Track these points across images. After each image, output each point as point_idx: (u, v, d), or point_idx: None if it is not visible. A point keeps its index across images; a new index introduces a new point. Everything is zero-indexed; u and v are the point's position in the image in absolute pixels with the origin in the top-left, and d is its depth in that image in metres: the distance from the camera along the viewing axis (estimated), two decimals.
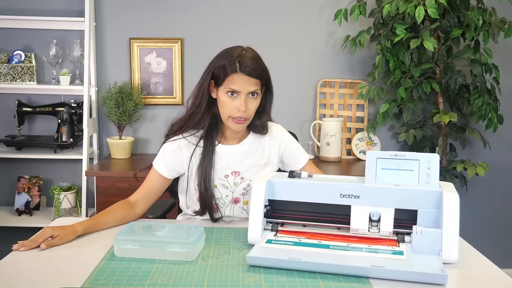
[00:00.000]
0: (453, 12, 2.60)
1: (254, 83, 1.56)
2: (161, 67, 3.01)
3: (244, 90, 1.55)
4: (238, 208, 1.68)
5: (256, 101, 1.59)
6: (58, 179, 3.02)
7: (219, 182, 1.66)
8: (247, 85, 1.55)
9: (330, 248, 1.28)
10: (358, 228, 1.33)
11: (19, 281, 1.13)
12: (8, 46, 2.93)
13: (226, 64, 1.55)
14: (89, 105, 2.84)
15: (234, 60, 1.54)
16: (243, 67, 1.53)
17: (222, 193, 1.66)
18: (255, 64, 1.55)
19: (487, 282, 1.17)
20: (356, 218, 1.33)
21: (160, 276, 1.16)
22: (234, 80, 1.54)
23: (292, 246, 1.30)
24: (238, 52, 1.57)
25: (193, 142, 1.65)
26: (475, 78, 2.67)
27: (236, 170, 1.67)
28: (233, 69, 1.54)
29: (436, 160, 1.33)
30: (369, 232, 1.32)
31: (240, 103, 1.55)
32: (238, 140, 1.69)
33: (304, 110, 3.08)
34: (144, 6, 2.97)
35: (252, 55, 1.58)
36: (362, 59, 3.04)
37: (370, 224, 1.33)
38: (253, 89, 1.56)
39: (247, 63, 1.54)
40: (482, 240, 3.02)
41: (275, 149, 1.73)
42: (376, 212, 1.32)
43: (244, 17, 3.00)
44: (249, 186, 1.67)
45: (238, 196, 1.67)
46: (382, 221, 1.32)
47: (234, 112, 1.57)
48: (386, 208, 1.32)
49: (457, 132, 2.88)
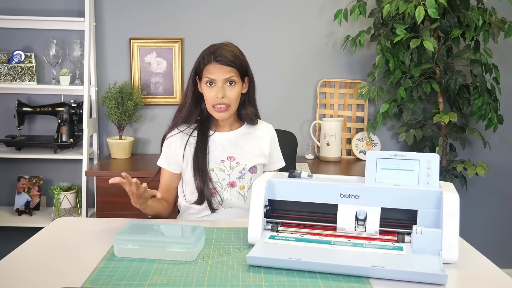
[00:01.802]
0: (453, 12, 2.60)
1: (228, 71, 1.68)
2: (161, 67, 3.01)
3: (219, 77, 1.67)
4: (235, 193, 1.75)
5: (234, 88, 1.70)
6: (58, 179, 3.02)
7: (215, 166, 1.74)
8: (222, 73, 1.67)
9: (331, 244, 1.29)
10: (344, 227, 1.34)
11: (19, 281, 1.13)
12: (8, 46, 2.93)
13: (203, 56, 1.70)
14: (89, 105, 2.84)
15: (210, 53, 1.69)
16: (216, 57, 1.67)
17: (219, 176, 1.74)
18: (228, 54, 1.69)
19: (487, 282, 1.17)
20: (342, 217, 1.34)
21: (160, 276, 1.16)
22: (209, 69, 1.68)
23: (294, 242, 1.31)
24: (217, 46, 1.71)
25: (187, 133, 1.76)
26: (475, 78, 2.67)
27: (231, 155, 1.76)
28: (208, 59, 1.68)
29: (436, 160, 1.33)
30: (355, 231, 1.33)
31: (217, 90, 1.67)
32: (229, 128, 1.80)
33: (304, 110, 3.08)
34: (144, 6, 2.97)
35: (229, 47, 1.71)
36: (362, 59, 3.04)
37: (357, 223, 1.33)
38: (227, 76, 1.67)
39: (220, 53, 1.67)
40: (482, 240, 3.03)
41: (266, 144, 1.83)
42: (362, 211, 1.33)
43: (244, 17, 3.00)
44: (245, 170, 1.76)
45: (234, 180, 1.75)
46: (368, 220, 1.32)
47: (213, 101, 1.68)
48: (372, 207, 1.32)
49: (457, 132, 2.88)
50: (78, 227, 1.56)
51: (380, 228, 1.32)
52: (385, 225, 1.33)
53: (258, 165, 1.78)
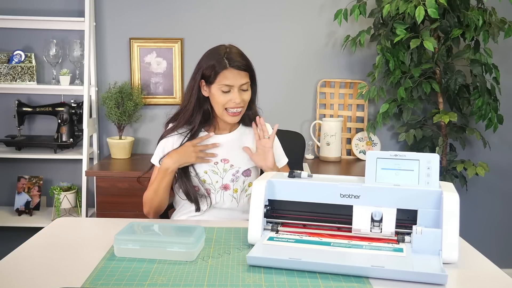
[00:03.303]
0: (453, 12, 2.60)
1: (244, 76, 1.67)
2: (161, 67, 3.01)
3: (236, 83, 1.66)
4: (228, 196, 1.75)
5: (248, 92, 1.71)
6: (58, 179, 3.02)
7: (209, 168, 1.74)
8: (238, 79, 1.66)
9: (331, 245, 1.28)
10: (360, 228, 1.33)
11: (19, 281, 1.13)
12: (8, 46, 2.93)
13: (215, 63, 1.65)
14: (89, 105, 2.84)
15: (222, 57, 1.66)
16: (232, 62, 1.65)
17: (212, 178, 1.73)
18: (242, 58, 1.68)
19: (487, 282, 1.17)
20: (358, 218, 1.33)
21: (160, 276, 1.16)
22: (226, 76, 1.65)
23: (293, 243, 1.30)
24: (223, 49, 1.68)
25: (183, 135, 1.75)
26: (475, 78, 2.67)
27: (225, 158, 1.75)
28: (223, 66, 1.65)
29: (436, 160, 1.33)
30: (371, 232, 1.32)
31: (235, 96, 1.66)
32: (229, 131, 1.79)
33: (304, 110, 3.08)
34: (144, 6, 2.97)
35: (237, 50, 1.70)
36: (362, 59, 3.04)
37: (372, 224, 1.33)
38: (244, 81, 1.68)
39: (235, 58, 1.66)
40: (482, 240, 3.03)
41: None
42: (378, 212, 1.32)
43: (244, 17, 3.00)
44: (238, 173, 1.75)
45: (227, 183, 1.74)
46: (384, 221, 1.32)
47: (229, 105, 1.67)
48: (388, 208, 1.32)
49: (457, 132, 2.88)
50: (78, 227, 1.56)
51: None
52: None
53: (252, 168, 1.78)
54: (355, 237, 1.33)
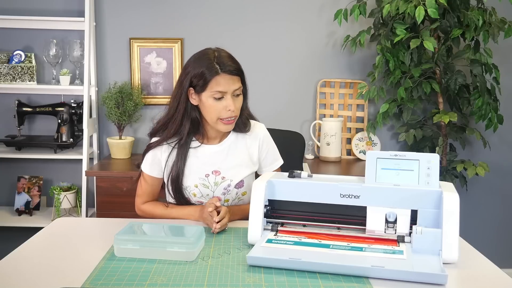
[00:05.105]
0: (453, 12, 2.60)
1: (237, 81, 1.58)
2: (161, 67, 3.01)
3: (229, 89, 1.57)
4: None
5: (240, 97, 1.62)
6: (58, 179, 3.02)
7: (199, 182, 1.66)
8: (231, 84, 1.56)
9: (330, 248, 1.28)
10: (374, 229, 1.33)
11: (19, 281, 1.13)
12: (8, 46, 2.93)
13: (204, 69, 1.54)
14: (89, 105, 2.84)
15: (212, 62, 1.55)
16: (224, 67, 1.55)
17: (203, 192, 1.66)
18: (233, 61, 1.58)
19: (487, 282, 1.17)
20: (372, 220, 1.33)
21: (160, 276, 1.16)
22: (219, 82, 1.55)
23: (292, 245, 1.30)
24: (212, 54, 1.58)
25: (172, 145, 1.66)
26: (475, 78, 2.67)
27: (216, 170, 1.67)
28: (214, 71, 1.54)
29: (436, 160, 1.33)
30: (385, 233, 1.32)
31: (228, 103, 1.57)
32: (219, 140, 1.70)
33: (304, 110, 3.08)
34: (144, 6, 2.97)
35: (226, 53, 1.60)
36: (362, 59, 3.04)
37: (386, 225, 1.33)
38: (237, 87, 1.58)
39: (226, 62, 1.56)
40: (482, 240, 3.02)
41: (256, 148, 1.74)
42: (392, 213, 1.32)
43: (244, 17, 3.00)
44: (230, 186, 1.67)
45: (219, 196, 1.67)
46: (398, 222, 1.32)
47: (223, 113, 1.58)
48: (403, 210, 1.31)
49: (457, 132, 2.88)
50: (78, 227, 1.56)
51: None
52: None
53: (245, 178, 1.69)
54: (354, 240, 1.33)
